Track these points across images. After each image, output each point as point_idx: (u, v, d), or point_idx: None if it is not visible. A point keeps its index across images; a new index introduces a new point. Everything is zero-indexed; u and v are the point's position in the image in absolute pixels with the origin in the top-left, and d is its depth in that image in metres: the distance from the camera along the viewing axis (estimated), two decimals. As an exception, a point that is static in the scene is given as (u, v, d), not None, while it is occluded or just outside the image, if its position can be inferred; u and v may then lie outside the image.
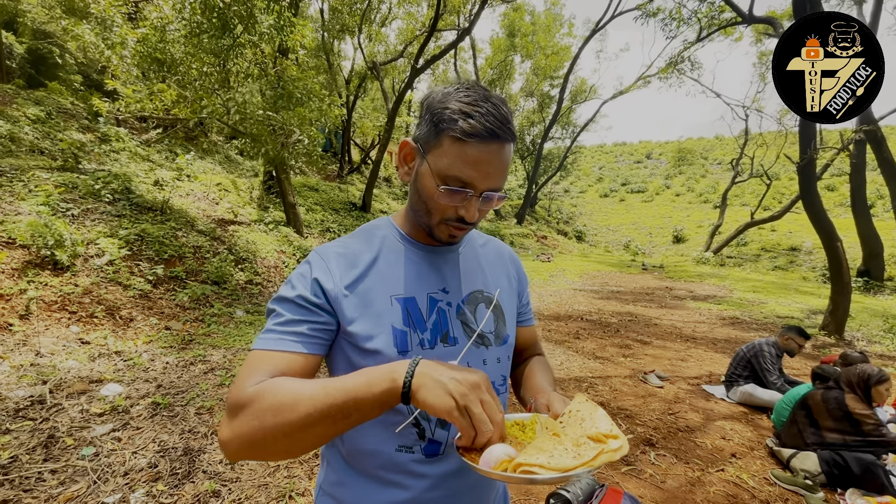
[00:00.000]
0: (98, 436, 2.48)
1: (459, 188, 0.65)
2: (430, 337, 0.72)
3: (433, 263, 0.77)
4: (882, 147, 10.40)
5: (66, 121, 8.45)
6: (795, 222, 22.17)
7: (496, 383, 0.78)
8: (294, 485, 2.21)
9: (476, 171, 0.64)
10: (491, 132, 0.62)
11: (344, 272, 0.70)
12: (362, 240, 0.77)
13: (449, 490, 0.73)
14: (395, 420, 0.69)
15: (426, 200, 0.69)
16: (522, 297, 0.91)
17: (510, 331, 0.82)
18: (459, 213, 0.68)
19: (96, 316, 4.19)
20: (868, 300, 11.07)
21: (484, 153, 0.63)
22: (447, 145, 0.64)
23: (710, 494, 2.40)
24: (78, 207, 5.52)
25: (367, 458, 0.72)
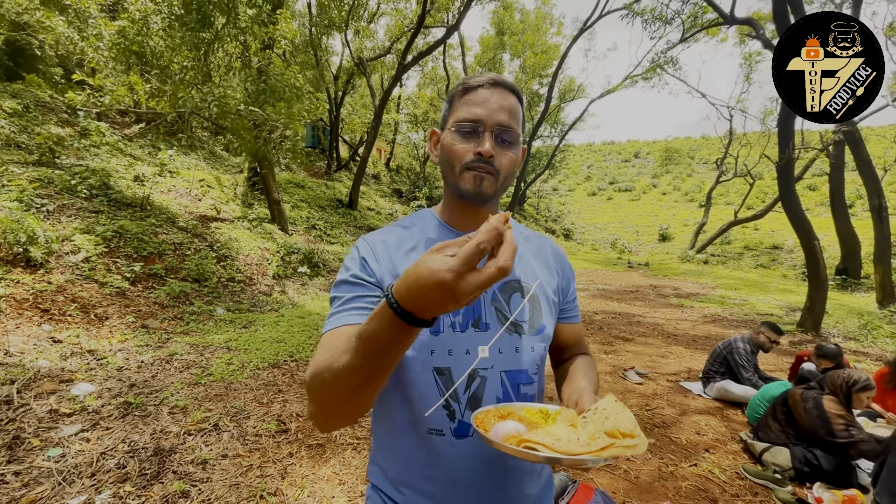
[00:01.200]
0: (66, 436, 2.42)
1: (470, 125, 0.73)
2: (462, 320, 0.76)
3: None
4: (860, 148, 10.61)
5: (45, 114, 8.24)
6: (777, 221, 22.55)
7: (529, 371, 0.79)
8: (266, 484, 2.19)
9: (481, 108, 0.73)
10: (491, 81, 0.75)
11: (387, 257, 0.77)
12: (404, 229, 0.84)
13: (476, 471, 0.74)
14: (427, 403, 0.73)
15: (449, 154, 0.76)
16: (567, 293, 0.91)
17: (547, 322, 0.82)
18: (476, 149, 0.73)
19: (70, 314, 4.10)
20: (845, 297, 11.33)
21: (486, 94, 0.74)
22: (456, 104, 0.77)
23: (681, 488, 2.44)
24: (53, 203, 5.39)
25: (402, 437, 0.77)
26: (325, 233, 10.60)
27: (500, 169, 0.74)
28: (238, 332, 4.62)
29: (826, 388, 2.74)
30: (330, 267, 8.46)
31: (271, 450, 2.52)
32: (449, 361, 0.74)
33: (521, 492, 0.79)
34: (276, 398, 3.18)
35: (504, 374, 0.76)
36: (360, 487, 2.25)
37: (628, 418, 0.58)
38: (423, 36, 17.25)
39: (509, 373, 0.77)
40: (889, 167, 15.29)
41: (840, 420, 2.55)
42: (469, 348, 0.75)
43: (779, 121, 7.18)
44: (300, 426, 2.82)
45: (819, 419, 2.65)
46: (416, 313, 0.48)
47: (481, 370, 0.75)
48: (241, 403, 3.03)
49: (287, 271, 7.45)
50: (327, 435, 2.74)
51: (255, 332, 4.68)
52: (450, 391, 0.72)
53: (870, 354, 6.00)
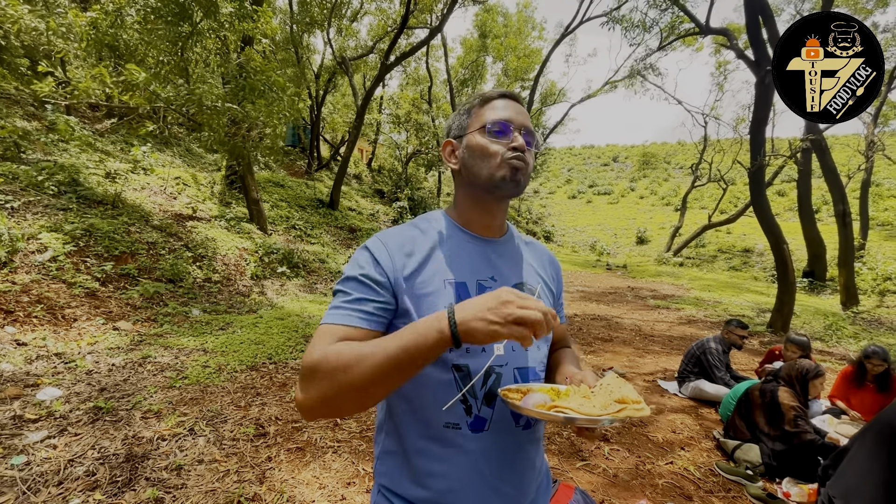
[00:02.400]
0: (31, 443, 2.32)
1: (503, 124, 0.81)
2: None
3: (484, 253, 0.87)
4: (826, 156, 11.07)
5: (10, 107, 7.89)
6: (749, 225, 23.33)
7: (536, 369, 0.86)
8: (244, 489, 2.14)
9: (507, 112, 0.83)
10: (508, 94, 0.86)
11: (403, 257, 0.80)
12: (419, 229, 0.86)
13: (490, 464, 0.79)
14: (443, 399, 0.76)
15: (482, 153, 0.82)
16: (558, 297, 1.00)
17: None
18: (511, 145, 0.80)
19: (35, 315, 3.92)
20: (812, 299, 11.80)
21: (505, 103, 0.84)
22: (479, 111, 0.85)
23: (658, 486, 2.49)
24: (18, 200, 5.16)
25: (417, 431, 0.79)
26: (306, 233, 10.45)
27: (529, 164, 0.82)
28: (215, 334, 4.51)
29: (781, 380, 2.86)
30: (310, 267, 8.34)
31: (249, 454, 2.47)
32: (467, 359, 0.77)
33: (529, 481, 0.85)
34: (255, 401, 3.12)
35: (517, 370, 0.82)
36: (341, 491, 2.23)
37: (631, 389, 0.68)
38: (407, 37, 17.22)
39: (521, 369, 0.83)
40: (852, 175, 16.02)
41: (791, 411, 2.66)
42: (485, 346, 0.78)
43: (751, 128, 7.43)
44: (279, 430, 2.77)
45: (772, 410, 2.75)
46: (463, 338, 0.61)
47: (497, 367, 0.80)
48: (217, 407, 2.95)
49: (266, 272, 7.32)
50: (307, 438, 2.70)
51: (233, 333, 4.58)
52: (467, 387, 0.76)
53: (834, 354, 6.26)
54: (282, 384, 3.49)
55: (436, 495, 0.78)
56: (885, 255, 15.97)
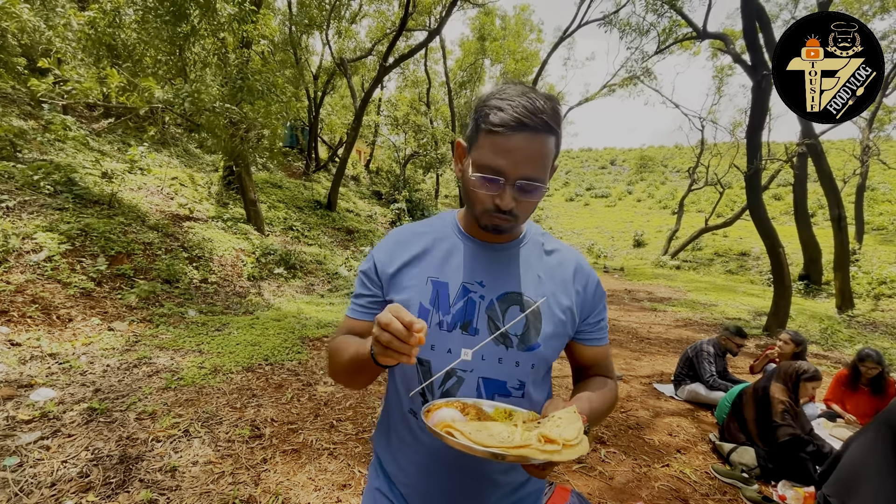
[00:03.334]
0: (24, 444, 2.30)
1: (491, 176, 0.69)
2: (451, 321, 0.79)
3: (479, 257, 0.82)
4: (822, 160, 11.12)
5: (6, 106, 7.85)
6: (745, 229, 23.40)
7: (509, 384, 0.80)
8: (238, 491, 2.13)
9: (505, 160, 0.68)
10: (519, 122, 0.66)
11: (397, 254, 0.84)
12: (427, 227, 0.88)
13: (442, 465, 0.80)
14: (409, 386, 0.82)
15: (468, 192, 0.75)
16: (589, 315, 0.87)
17: (544, 342, 0.80)
18: (495, 202, 0.71)
19: (30, 316, 3.90)
20: (807, 303, 11.85)
21: (512, 142, 0.67)
22: (482, 138, 0.71)
23: (654, 489, 2.49)
24: (13, 199, 5.13)
25: (394, 411, 0.87)
26: (303, 234, 10.43)
27: (520, 215, 0.74)
28: (211, 335, 4.49)
29: (776, 377, 2.87)
30: (307, 269, 8.32)
31: (244, 456, 2.45)
32: (430, 355, 0.79)
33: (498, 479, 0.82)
34: (251, 403, 3.11)
35: (482, 380, 0.79)
36: (337, 493, 2.22)
37: (574, 428, 0.60)
38: (405, 39, 17.24)
39: (487, 380, 0.79)
40: (848, 179, 16.11)
41: (780, 405, 2.68)
42: (452, 348, 0.78)
43: (747, 132, 7.47)
44: (275, 431, 2.76)
45: (762, 404, 2.76)
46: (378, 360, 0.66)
47: (460, 370, 0.79)
48: (213, 408, 2.94)
49: (263, 273, 7.30)
50: (303, 440, 2.69)
51: (229, 334, 4.56)
52: (426, 382, 0.79)
53: (829, 357, 6.28)
54: (278, 385, 3.48)
55: (401, 475, 0.85)
56: (881, 259, 16.06)
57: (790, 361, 2.92)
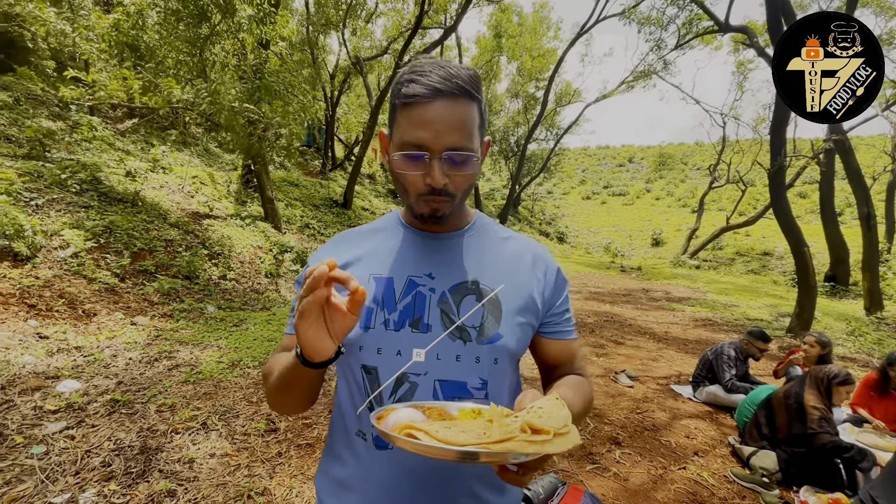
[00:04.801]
0: (50, 434, 2.38)
1: (414, 152, 0.63)
2: (398, 318, 0.70)
3: (426, 248, 0.76)
4: (850, 157, 10.75)
5: (36, 108, 8.13)
6: (769, 228, 22.81)
7: (469, 384, 0.70)
8: (254, 483, 2.17)
9: (425, 131, 0.62)
10: (434, 90, 0.61)
11: (336, 255, 0.76)
12: (373, 227, 0.82)
13: (396, 492, 0.69)
14: (357, 403, 0.72)
15: (397, 178, 0.68)
16: (551, 304, 0.78)
17: (507, 332, 0.71)
18: (426, 181, 0.64)
19: (57, 310, 4.04)
20: (834, 304, 11.47)
21: (430, 111, 0.61)
22: (399, 116, 0.65)
23: (671, 492, 2.45)
24: (42, 197, 5.31)
25: (337, 433, 0.76)
26: (319, 232, 10.55)
27: (456, 192, 0.67)
28: (229, 331, 4.58)
29: (807, 382, 2.79)
30: (323, 266, 8.41)
31: (260, 449, 2.49)
32: (377, 360, 0.70)
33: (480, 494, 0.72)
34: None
35: (438, 382, 0.69)
36: (350, 488, 2.24)
37: (561, 416, 0.50)
38: (421, 37, 17.26)
39: (445, 382, 0.69)
40: (878, 176, 15.54)
41: (815, 412, 2.59)
42: (402, 349, 0.69)
43: (771, 128, 7.26)
44: (290, 426, 2.80)
45: (796, 412, 2.68)
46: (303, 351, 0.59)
47: (413, 374, 0.69)
48: (230, 402, 3.00)
49: (280, 270, 7.41)
50: (317, 434, 2.72)
51: (246, 330, 4.64)
52: (374, 393, 0.68)
53: (857, 360, 6.07)
54: (293, 381, 3.53)
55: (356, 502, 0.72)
56: (912, 259, 15.45)
57: (820, 367, 2.83)
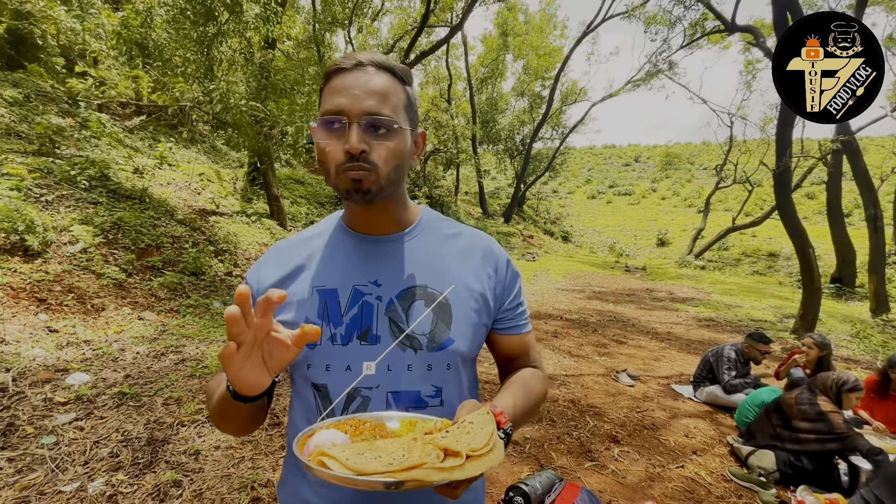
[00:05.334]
0: (60, 424, 2.45)
1: (332, 117, 0.62)
2: (345, 332, 0.68)
3: (369, 253, 0.72)
4: (858, 158, 10.68)
5: (46, 104, 8.23)
6: (775, 229, 22.64)
7: (423, 393, 0.68)
8: (258, 475, 2.22)
9: (343, 97, 0.62)
10: (356, 62, 0.64)
11: (273, 270, 0.73)
12: (312, 232, 0.79)
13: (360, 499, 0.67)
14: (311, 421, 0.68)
15: (320, 156, 0.65)
16: (503, 300, 0.77)
17: (457, 335, 0.70)
18: (344, 147, 0.61)
19: (66, 304, 4.11)
20: (839, 306, 11.40)
21: (348, 79, 0.63)
22: (324, 94, 0.65)
23: (667, 489, 2.47)
24: (52, 193, 5.40)
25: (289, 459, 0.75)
26: (324, 229, 10.62)
27: (378, 163, 0.63)
28: (234, 326, 4.64)
29: (817, 389, 2.78)
30: (327, 263, 8.48)
31: (264, 442, 2.55)
32: (326, 378, 0.68)
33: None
34: (270, 392, 3.21)
35: (391, 394, 0.67)
36: (351, 481, 2.28)
37: (484, 434, 0.50)
38: (427, 35, 17.27)
39: (397, 394, 0.67)
40: (886, 177, 15.38)
41: (837, 416, 2.60)
42: (351, 364, 0.67)
43: (777, 129, 7.23)
44: (293, 420, 2.85)
45: (822, 422, 2.67)
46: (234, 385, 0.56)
47: (364, 389, 0.67)
48: (234, 396, 3.05)
49: (284, 267, 7.47)
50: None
51: (251, 326, 4.70)
52: (326, 411, 0.66)
53: (861, 362, 6.05)
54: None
55: None
56: (921, 261, 15.29)
57: (828, 374, 2.83)
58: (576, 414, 3.43)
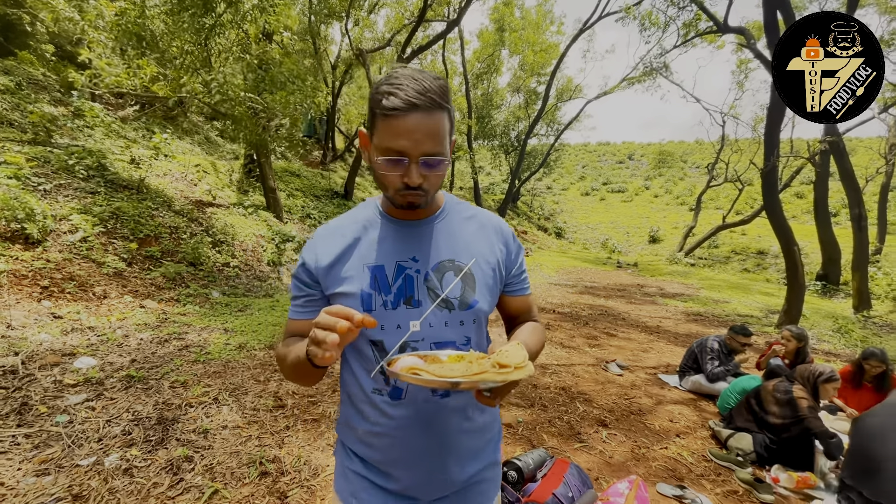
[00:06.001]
0: (72, 405, 2.54)
1: (396, 158, 0.75)
2: (394, 299, 0.84)
3: (406, 235, 0.89)
4: (844, 158, 10.92)
5: (38, 93, 8.18)
6: (764, 227, 23.00)
7: (457, 342, 0.87)
8: (265, 452, 2.33)
9: (406, 140, 0.74)
10: (410, 104, 0.72)
11: (327, 250, 0.88)
12: (351, 218, 0.93)
13: (412, 430, 0.85)
14: (368, 369, 0.87)
15: (378, 177, 0.80)
16: (511, 268, 0.96)
17: (481, 297, 0.88)
18: (404, 180, 0.77)
19: (69, 291, 4.18)
20: (824, 303, 11.69)
21: (408, 122, 0.73)
22: (379, 124, 0.76)
23: (651, 468, 2.63)
24: (50, 182, 5.43)
25: (356, 397, 0.90)
26: (320, 222, 10.67)
27: (430, 189, 0.80)
28: (234, 315, 4.73)
29: (796, 380, 2.95)
30: (324, 256, 8.56)
31: (269, 423, 2.66)
32: (381, 335, 0.84)
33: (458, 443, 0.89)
34: (273, 377, 3.32)
35: (433, 345, 0.85)
36: (353, 459, 2.40)
37: (521, 355, 0.69)
38: (424, 29, 17.27)
39: (438, 344, 0.85)
40: (871, 178, 15.71)
41: (804, 401, 2.76)
42: (400, 323, 0.84)
43: (766, 129, 7.40)
44: (296, 402, 2.96)
45: (789, 406, 2.84)
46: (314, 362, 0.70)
47: (413, 342, 0.84)
48: (238, 380, 3.16)
49: (282, 258, 7.54)
50: (322, 410, 2.89)
51: (251, 315, 4.79)
52: (384, 360, 0.83)
53: (841, 355, 6.27)
54: (297, 363, 3.69)
55: (373, 453, 0.89)
56: (904, 260, 15.68)
57: (807, 365, 2.98)
58: (566, 400, 3.58)
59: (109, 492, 1.92)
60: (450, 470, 0.89)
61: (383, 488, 0.89)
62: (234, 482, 2.10)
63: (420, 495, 0.89)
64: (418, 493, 0.89)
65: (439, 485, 0.89)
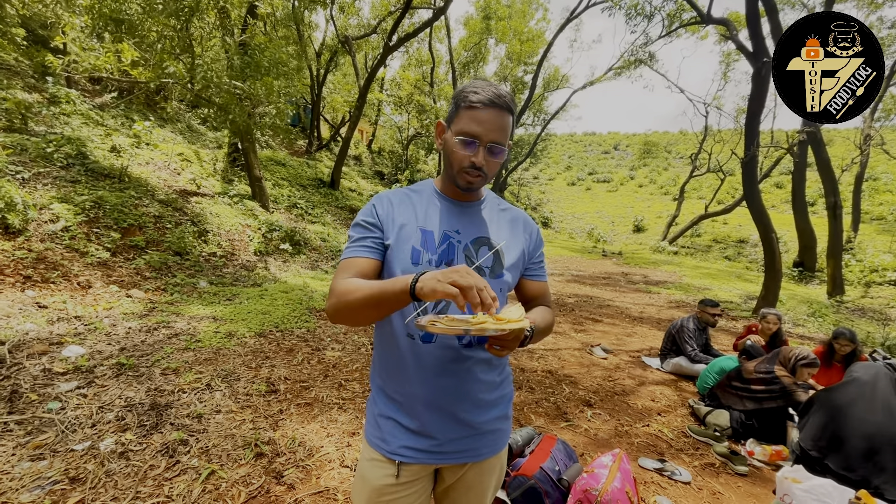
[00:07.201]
0: (63, 392, 2.54)
1: (469, 139, 0.93)
2: (437, 259, 1.00)
3: (454, 212, 1.06)
4: (821, 148, 11.22)
5: (10, 78, 7.91)
6: (745, 216, 23.51)
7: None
8: (259, 435, 2.37)
9: (481, 127, 0.92)
10: (490, 101, 0.92)
11: (392, 207, 1.05)
12: (413, 191, 1.10)
13: (437, 371, 0.98)
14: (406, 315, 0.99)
15: (449, 155, 0.98)
16: (533, 256, 1.14)
17: (507, 273, 1.04)
18: (472, 160, 0.94)
19: (53, 281, 4.12)
20: (800, 289, 12.10)
21: (486, 114, 0.92)
22: (462, 113, 0.95)
23: (633, 444, 2.75)
24: (28, 171, 5.29)
25: (391, 341, 1.02)
26: (307, 212, 10.59)
27: (488, 173, 0.98)
28: (223, 304, 4.72)
29: (777, 361, 3.10)
30: (312, 245, 8.52)
31: (262, 407, 2.70)
32: None
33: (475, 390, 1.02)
34: (265, 363, 3.35)
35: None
36: (347, 440, 2.46)
37: (518, 312, 0.85)
38: (410, 17, 17.05)
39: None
40: (847, 168, 16.18)
41: (786, 378, 2.91)
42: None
43: (746, 120, 7.57)
44: (289, 388, 3.00)
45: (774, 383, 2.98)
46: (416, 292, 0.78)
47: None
48: (230, 367, 3.18)
49: (269, 248, 7.50)
50: (314, 395, 2.94)
51: (240, 304, 4.79)
52: (422, 307, 0.97)
53: (815, 339, 6.53)
54: (289, 349, 3.72)
55: (404, 390, 1.01)
56: (876, 248, 16.26)
57: (790, 348, 3.12)
58: (553, 382, 3.69)
59: (106, 474, 1.95)
60: (466, 412, 1.01)
61: (406, 428, 1.01)
62: (230, 463, 2.14)
63: (437, 434, 1.00)
64: (436, 431, 1.00)
65: (454, 426, 1.01)
